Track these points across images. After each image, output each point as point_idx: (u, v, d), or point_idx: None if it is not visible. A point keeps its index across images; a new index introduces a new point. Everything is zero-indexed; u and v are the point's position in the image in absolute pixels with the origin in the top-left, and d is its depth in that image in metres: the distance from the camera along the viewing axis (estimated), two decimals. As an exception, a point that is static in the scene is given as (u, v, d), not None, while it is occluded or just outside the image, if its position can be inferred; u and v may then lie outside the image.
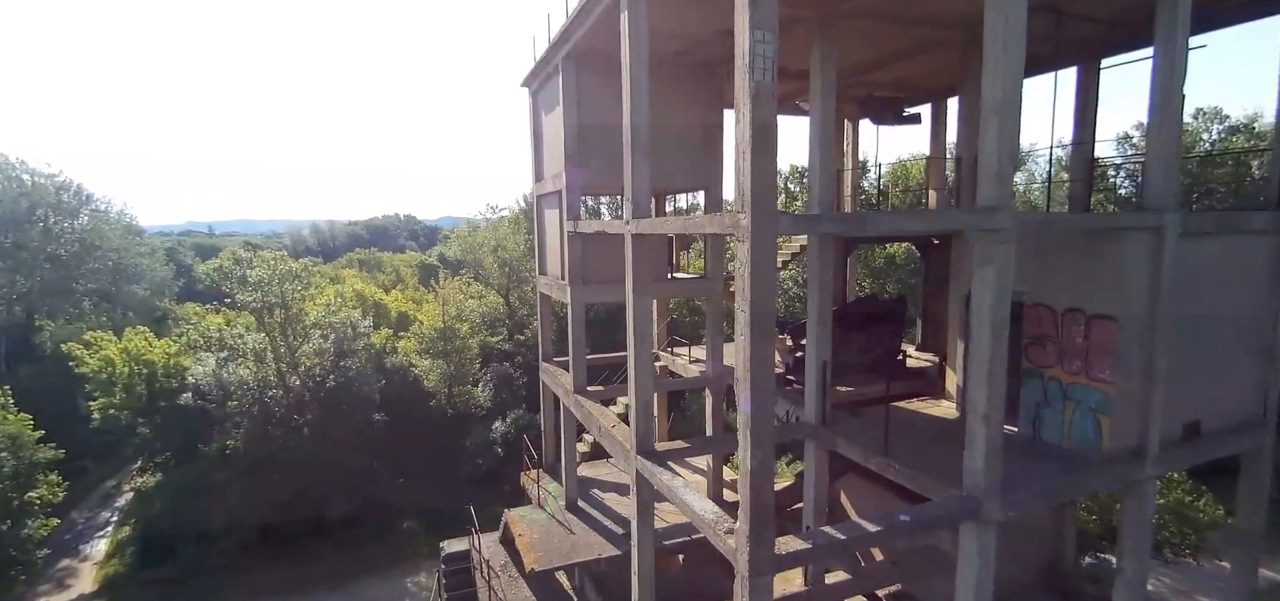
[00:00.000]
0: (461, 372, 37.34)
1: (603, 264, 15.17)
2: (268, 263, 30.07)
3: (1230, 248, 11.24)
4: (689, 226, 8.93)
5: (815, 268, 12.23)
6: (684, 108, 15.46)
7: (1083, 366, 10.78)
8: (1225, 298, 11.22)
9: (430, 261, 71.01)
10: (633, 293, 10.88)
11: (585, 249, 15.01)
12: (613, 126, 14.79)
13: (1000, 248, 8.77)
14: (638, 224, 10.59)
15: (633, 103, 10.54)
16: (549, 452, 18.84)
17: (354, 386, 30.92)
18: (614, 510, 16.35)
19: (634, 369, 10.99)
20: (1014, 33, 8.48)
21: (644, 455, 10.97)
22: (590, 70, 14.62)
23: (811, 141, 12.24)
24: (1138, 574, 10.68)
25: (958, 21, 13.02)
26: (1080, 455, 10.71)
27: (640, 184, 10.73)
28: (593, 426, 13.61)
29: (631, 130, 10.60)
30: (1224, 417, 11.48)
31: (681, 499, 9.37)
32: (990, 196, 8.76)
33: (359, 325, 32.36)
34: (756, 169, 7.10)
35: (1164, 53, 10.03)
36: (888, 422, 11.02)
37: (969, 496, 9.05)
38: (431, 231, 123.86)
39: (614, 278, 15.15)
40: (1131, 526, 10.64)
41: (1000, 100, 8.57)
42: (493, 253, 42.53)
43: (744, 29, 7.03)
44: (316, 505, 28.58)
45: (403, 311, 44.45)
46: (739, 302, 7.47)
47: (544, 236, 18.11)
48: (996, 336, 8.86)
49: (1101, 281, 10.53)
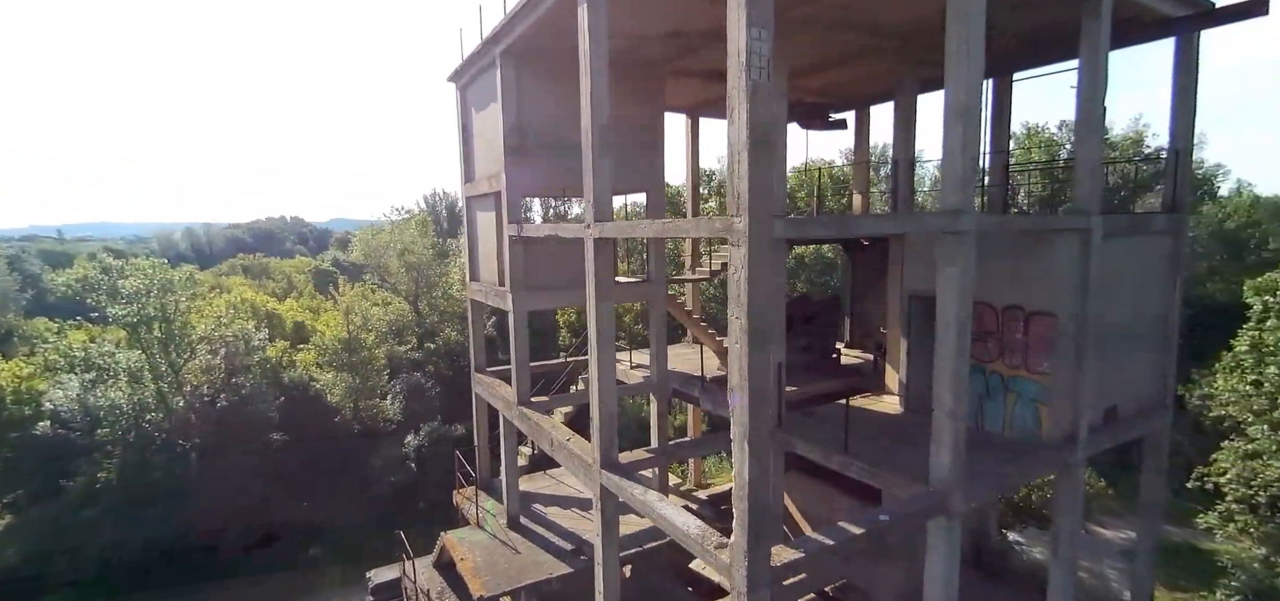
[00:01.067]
0: (368, 385, 35.01)
1: (545, 269, 14.53)
2: (143, 271, 26.70)
3: (1137, 247, 12.32)
4: (670, 230, 8.58)
5: (769, 270, 12.23)
6: (624, 109, 15.05)
7: (1022, 360, 11.43)
8: (1134, 293, 12.28)
9: (325, 267, 66.39)
10: (595, 299, 10.39)
11: (527, 254, 14.29)
12: (555, 126, 14.23)
13: (963, 249, 9.06)
14: (600, 227, 10.11)
15: (593, 102, 10.06)
16: (484, 468, 17.86)
17: (249, 405, 28.12)
18: (560, 525, 15.71)
19: (597, 378, 10.49)
20: (975, 42, 8.78)
21: (609, 468, 10.50)
22: (531, 67, 13.94)
23: (764, 144, 12.21)
24: (1071, 547, 11.45)
25: (894, 31, 13.49)
26: (1022, 443, 11.35)
27: (602, 186, 10.27)
28: (543, 440, 12.95)
29: (592, 130, 10.11)
30: (1135, 402, 12.57)
31: (659, 513, 9.00)
32: (954, 200, 9.03)
33: (253, 338, 29.49)
34: (754, 170, 6.86)
35: (1088, 67, 10.79)
36: (848, 421, 11.17)
37: (937, 491, 9.28)
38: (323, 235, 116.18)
39: (558, 283, 14.59)
40: (1065, 505, 11.38)
41: (964, 106, 8.85)
42: (399, 256, 40.22)
43: (740, 26, 6.77)
44: (209, 538, 25.71)
45: (299, 321, 41.12)
46: (734, 310, 7.21)
47: (476, 240, 17.14)
48: (961, 334, 9.15)
49: (1038, 280, 11.20)
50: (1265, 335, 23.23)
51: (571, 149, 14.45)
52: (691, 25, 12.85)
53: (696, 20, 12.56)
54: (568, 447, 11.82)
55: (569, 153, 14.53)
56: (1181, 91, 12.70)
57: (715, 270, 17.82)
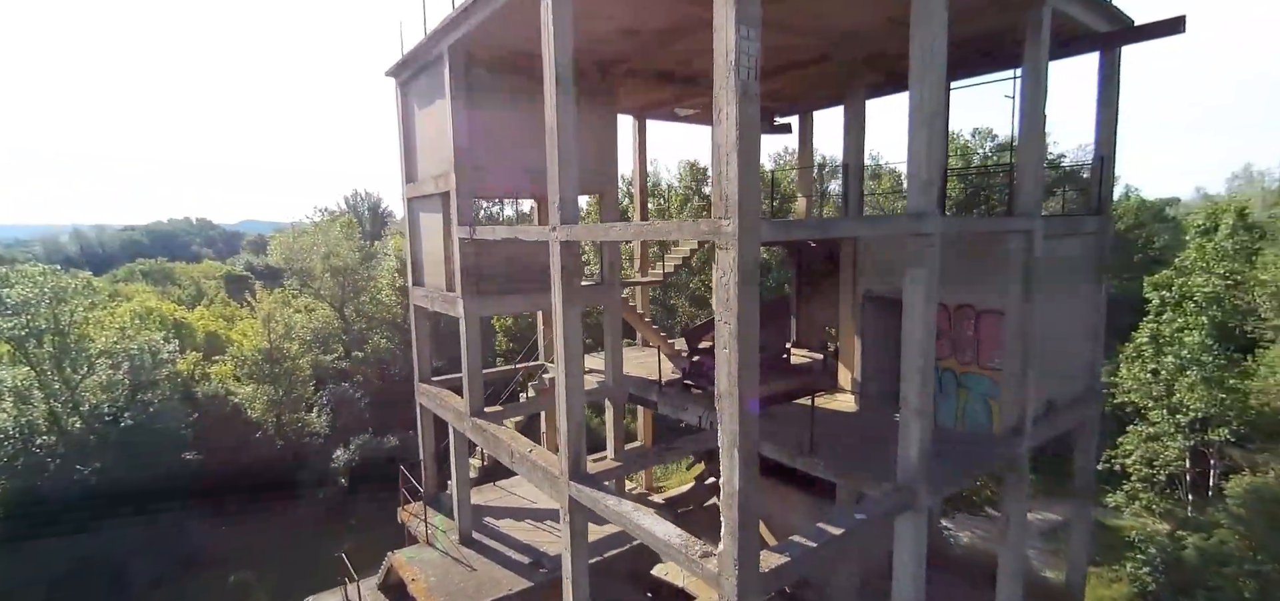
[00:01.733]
0: (292, 397, 33.00)
1: (498, 273, 13.98)
2: (32, 279, 24.01)
3: (1068, 247, 13.07)
4: (650, 232, 8.33)
5: (731, 272, 12.20)
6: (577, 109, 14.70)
7: (974, 357, 11.89)
8: (1067, 291, 13.03)
9: (238, 272, 62.16)
10: (562, 304, 10.01)
11: (479, 257, 13.70)
12: (508, 125, 13.72)
13: (930, 250, 9.28)
14: (568, 230, 9.75)
15: (557, 100, 9.68)
16: (431, 483, 17.04)
17: (157, 423, 25.86)
18: (516, 538, 15.17)
19: (564, 386, 10.12)
20: (938, 49, 9.00)
21: (578, 480, 10.15)
22: (482, 62, 13.37)
23: (725, 146, 12.17)
24: (1019, 532, 11.99)
25: (845, 37, 13.76)
26: (975, 437, 11.80)
27: (567, 187, 9.91)
28: (501, 452, 12.43)
29: (557, 130, 9.73)
30: (1068, 394, 13.34)
31: (638, 524, 8.75)
32: (919, 203, 9.24)
33: (161, 351, 27.13)
34: (743, 171, 6.73)
35: (1030, 77, 11.32)
36: (813, 421, 11.28)
37: (906, 487, 9.48)
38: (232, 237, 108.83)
39: (512, 288, 14.08)
40: (1013, 493, 11.91)
41: (929, 112, 9.06)
42: (323, 260, 38.12)
43: (729, 25, 6.62)
44: (112, 571, 23.44)
45: (212, 331, 38.24)
46: (722, 314, 7.05)
47: (420, 244, 16.33)
48: (927, 334, 9.37)
49: (988, 279, 11.67)
50: (1162, 327, 25.35)
51: (526, 149, 14.10)
52: (649, 24, 12.66)
53: (654, 19, 12.38)
54: (531, 460, 11.38)
55: (523, 153, 14.11)
56: (1105, 103, 13.57)
57: (669, 272, 17.71)
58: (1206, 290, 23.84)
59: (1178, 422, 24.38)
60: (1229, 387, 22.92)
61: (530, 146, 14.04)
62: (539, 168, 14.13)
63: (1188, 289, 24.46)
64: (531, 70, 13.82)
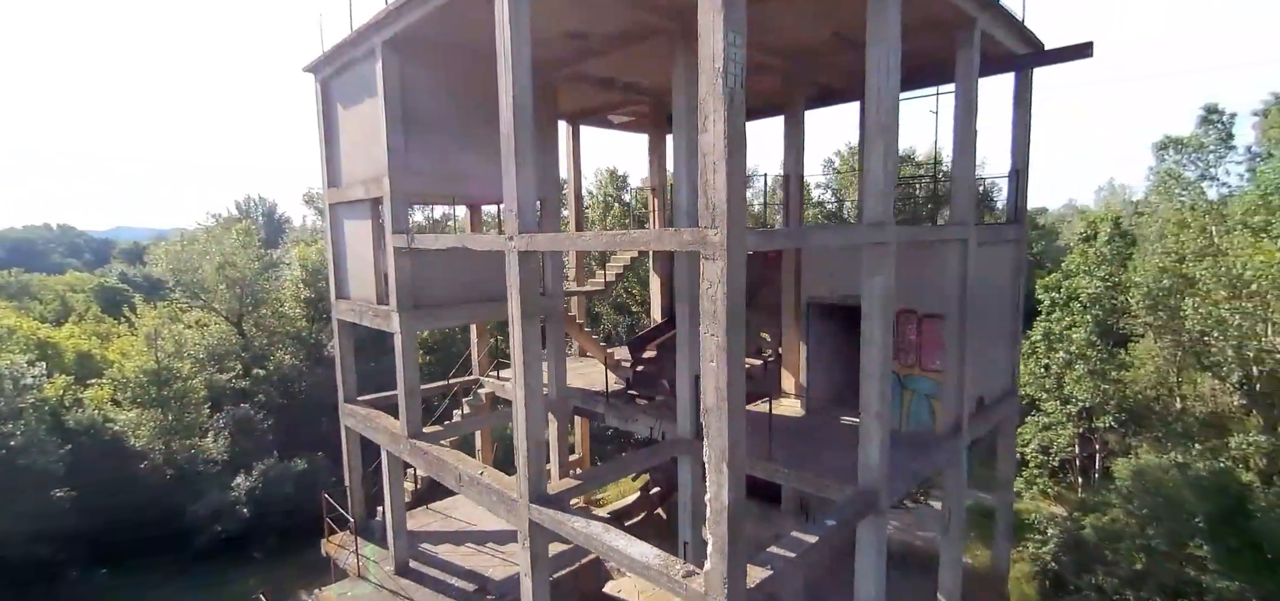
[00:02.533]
0: (184, 422, 29.95)
1: (436, 284, 13.20)
2: None
3: (992, 254, 13.90)
4: (624, 242, 8.00)
5: (684, 281, 12.12)
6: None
7: (917, 359, 12.36)
8: (991, 294, 13.85)
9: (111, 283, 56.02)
10: (521, 318, 9.51)
11: (415, 268, 12.87)
12: (447, 127, 13.03)
13: (887, 258, 9.53)
14: (528, 239, 9.28)
15: (515, 102, 9.21)
16: (359, 510, 15.82)
17: (21, 458, 22.67)
18: (457, 565, 14.33)
19: (522, 404, 9.61)
20: (892, 64, 9.28)
21: (539, 502, 9.66)
22: (418, 59, 12.59)
23: (677, 153, 12.09)
24: (959, 524, 12.58)
25: (787, 50, 14.04)
26: (919, 437, 12.27)
27: (525, 193, 9.45)
28: (447, 476, 11.67)
29: (514, 132, 9.26)
30: (994, 392, 14.18)
31: (610, 546, 8.39)
32: (877, 212, 9.46)
33: (25, 375, 23.85)
34: (731, 180, 6.58)
35: (962, 93, 11.93)
36: (771, 429, 11.34)
37: (867, 490, 9.67)
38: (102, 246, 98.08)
39: (449, 299, 13.35)
40: (952, 487, 12.49)
41: (884, 125, 9.31)
42: (217, 270, 34.94)
43: (716, 30, 6.45)
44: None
45: (85, 351, 34.14)
46: (709, 327, 6.87)
47: (344, 253, 15.18)
48: (886, 339, 9.62)
49: (929, 285, 12.18)
50: (1053, 325, 27.67)
51: (465, 153, 13.41)
52: (599, 28, 12.37)
53: (605, 23, 12.11)
54: (483, 483, 10.74)
55: (462, 157, 13.42)
56: (1020, 119, 14.54)
57: (610, 282, 17.42)
58: (1090, 291, 26.23)
59: (1068, 412, 26.69)
60: (1111, 379, 25.31)
61: (469, 150, 13.39)
62: (481, 173, 13.60)
63: (1074, 290, 26.84)
64: (473, 70, 13.20)
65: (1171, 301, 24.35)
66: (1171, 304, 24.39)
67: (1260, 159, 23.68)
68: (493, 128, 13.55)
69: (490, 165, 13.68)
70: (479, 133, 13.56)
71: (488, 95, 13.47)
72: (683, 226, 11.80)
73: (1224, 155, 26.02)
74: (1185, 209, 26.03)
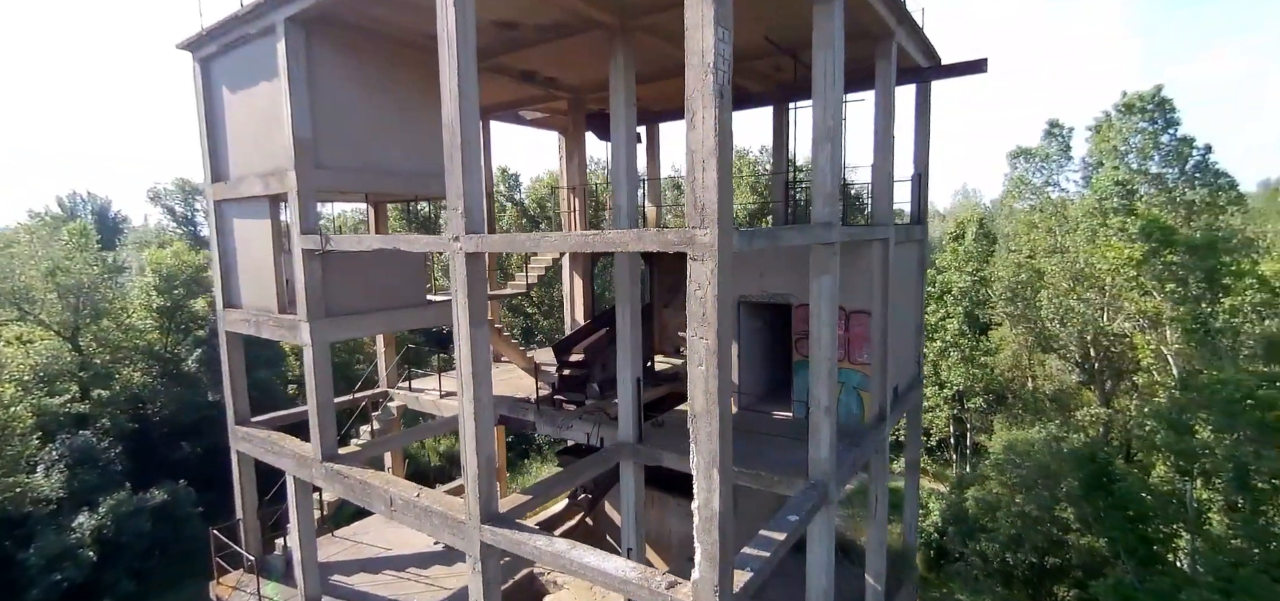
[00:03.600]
0: (5, 457, 25.34)
1: (349, 290, 12.04)
2: None
3: (902, 252, 14.87)
4: (597, 244, 7.55)
5: (624, 282, 11.89)
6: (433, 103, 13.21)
7: (846, 353, 12.91)
8: (902, 289, 14.81)
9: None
10: (468, 325, 8.83)
11: (326, 272, 11.65)
12: (362, 116, 11.93)
13: (833, 258, 9.83)
14: (477, 240, 8.63)
15: (460, 89, 8.55)
16: (254, 546, 14.07)
17: None
18: (374, 594, 13.14)
19: (473, 418, 8.94)
20: (837, 69, 9.58)
21: (492, 522, 9.03)
22: (327, 39, 11.40)
23: (615, 150, 11.83)
24: (883, 509, 13.30)
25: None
26: (850, 428, 12.81)
27: (473, 190, 8.79)
28: (375, 501, 10.63)
29: (460, 124, 8.58)
30: (906, 381, 15.17)
31: (580, 563, 7.98)
32: (825, 214, 9.74)
33: None
34: (721, 179, 6.44)
35: (882, 99, 12.62)
36: (718, 429, 11.34)
37: (818, 484, 9.93)
38: None
39: (363, 306, 12.25)
40: (877, 474, 13.18)
41: (831, 129, 9.60)
42: (47, 277, 29.95)
43: (706, 26, 6.28)
44: None
45: None
46: (699, 329, 6.69)
47: (233, 256, 13.45)
48: (832, 337, 9.91)
49: (856, 282, 12.76)
50: (929, 317, 30.26)
51: (381, 145, 12.34)
52: (533, 18, 11.83)
53: (540, 13, 11.59)
54: (422, 505, 9.88)
55: (378, 149, 12.33)
56: (920, 127, 15.67)
57: (531, 284, 16.77)
58: (960, 285, 28.91)
59: (944, 396, 29.29)
60: (980, 364, 28.07)
61: (384, 142, 12.34)
62: (399, 167, 12.58)
63: (947, 284, 29.47)
64: (386, 54, 12.18)
65: (1027, 293, 27.44)
66: (1027, 295, 27.48)
67: (1094, 168, 27.28)
68: (409, 118, 12.73)
69: (408, 159, 12.76)
70: (394, 124, 12.55)
71: (403, 82, 12.59)
72: (623, 227, 11.58)
73: (1064, 164, 29.75)
74: (1034, 212, 29.45)
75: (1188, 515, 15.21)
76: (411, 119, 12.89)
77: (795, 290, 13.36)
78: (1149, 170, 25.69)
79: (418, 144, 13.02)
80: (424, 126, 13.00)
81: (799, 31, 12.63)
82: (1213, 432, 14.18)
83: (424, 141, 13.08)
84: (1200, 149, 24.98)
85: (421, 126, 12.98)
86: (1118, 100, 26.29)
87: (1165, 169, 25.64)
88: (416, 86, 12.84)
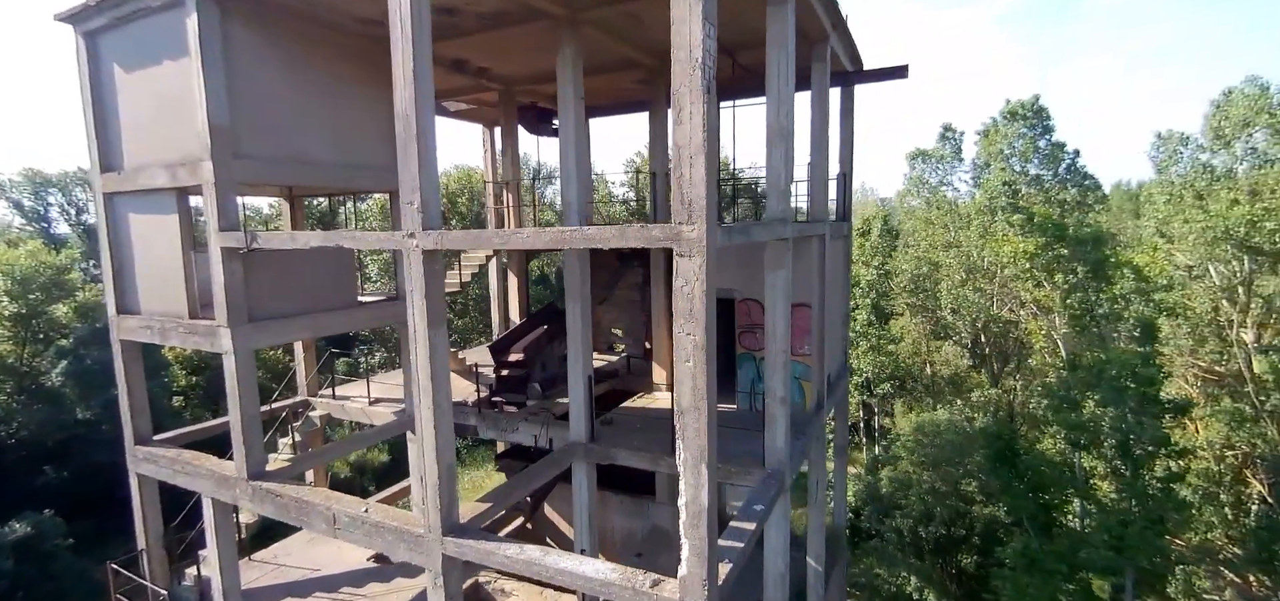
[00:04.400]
0: None
1: (270, 292, 11.08)
2: None
3: (833, 248, 15.55)
4: (580, 240, 7.29)
5: (575, 280, 11.69)
6: (363, 89, 12.46)
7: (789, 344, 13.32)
8: (833, 283, 15.49)
9: None
10: (426, 328, 8.35)
11: (249, 273, 10.67)
12: (280, 101, 11.03)
13: (787, 254, 10.12)
14: (437, 237, 8.17)
15: (417, 72, 8.05)
16: (161, 576, 12.65)
17: None
18: (307, 618, 12.21)
19: (432, 424, 8.47)
20: (789, 69, 9.86)
21: (455, 534, 8.60)
22: (242, 15, 10.42)
23: (564, 144, 11.59)
24: (821, 492, 13.89)
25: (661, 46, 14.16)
26: (795, 417, 13.24)
27: (429, 183, 8.31)
28: (313, 519, 9.85)
29: (414, 111, 8.09)
30: (836, 370, 15.89)
31: (558, 569, 7.76)
32: (778, 210, 10.01)
33: None
34: (710, 174, 6.45)
35: (818, 101, 13.13)
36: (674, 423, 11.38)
37: (775, 472, 10.21)
38: None
39: (290, 310, 11.36)
40: (816, 461, 13.75)
41: (784, 128, 9.87)
42: None
43: (694, 21, 6.25)
44: None
45: None
46: (686, 326, 6.67)
47: (131, 257, 12.02)
48: (786, 330, 10.22)
49: (797, 276, 13.18)
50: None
51: (307, 134, 11.46)
52: (476, 5, 11.34)
53: (483, 1, 11.14)
54: (371, 521, 9.26)
55: (304, 138, 11.43)
56: (845, 129, 16.44)
57: (466, 282, 16.11)
58: (868, 278, 30.66)
59: (855, 382, 30.97)
60: (886, 352, 29.90)
61: (310, 132, 11.47)
62: (329, 160, 11.76)
63: (856, 278, 31.17)
64: (311, 36, 11.33)
65: (927, 285, 29.54)
66: (927, 287, 29.58)
67: (982, 170, 29.78)
68: (336, 106, 11.90)
69: (335, 149, 11.93)
70: (320, 112, 11.69)
71: (329, 68, 11.76)
72: (574, 225, 11.37)
73: (955, 166, 32.25)
74: (930, 208, 31.73)
75: (1077, 482, 16.97)
76: (339, 107, 12.04)
77: (739, 285, 13.66)
78: (1028, 172, 28.35)
79: (346, 134, 12.19)
80: (353, 115, 12.19)
81: (737, 33, 12.91)
82: (1098, 407, 15.94)
83: (352, 131, 12.27)
84: (1070, 153, 27.88)
85: (350, 115, 12.17)
86: (1002, 108, 28.84)
87: (1042, 171, 28.39)
88: (344, 73, 12.02)
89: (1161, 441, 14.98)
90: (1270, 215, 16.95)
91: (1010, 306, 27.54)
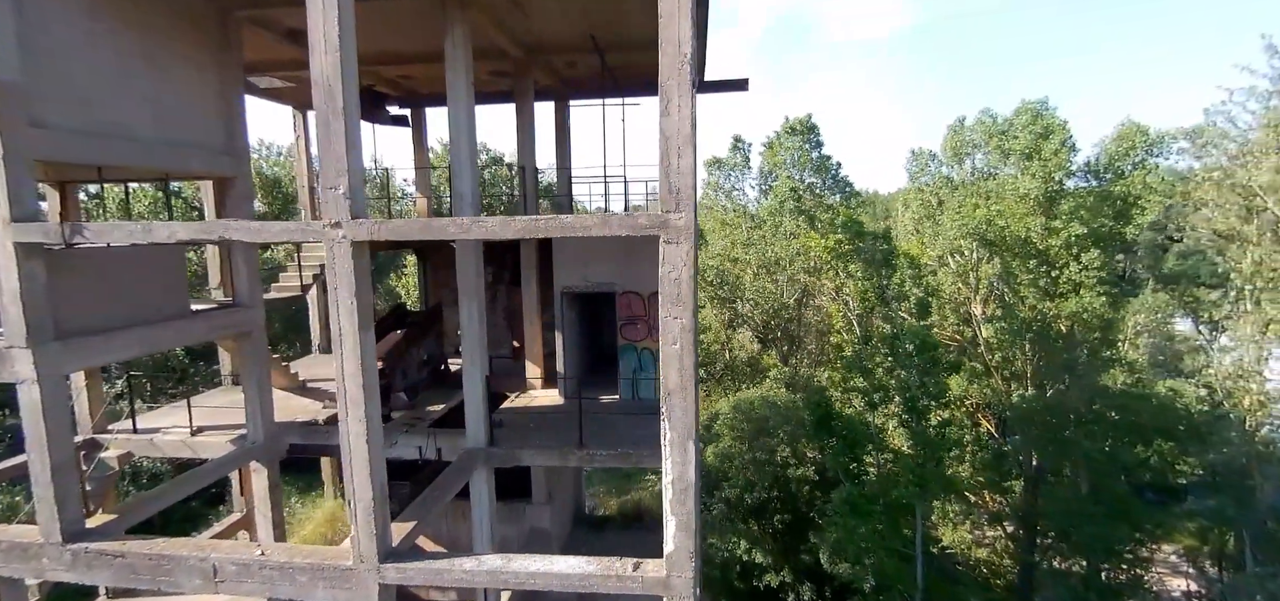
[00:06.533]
0: None
1: (85, 303, 8.82)
2: None
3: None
4: (555, 229, 6.91)
5: (469, 276, 11.14)
6: (190, 59, 10.43)
7: (649, 333, 14.04)
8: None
9: None
10: (355, 330, 7.41)
11: (54, 277, 8.35)
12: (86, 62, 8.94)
13: (693, 245, 10.79)
14: (369, 226, 7.30)
15: (341, 38, 7.14)
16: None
17: None
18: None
19: (363, 440, 7.53)
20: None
21: (392, 560, 7.76)
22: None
23: (455, 134, 10.95)
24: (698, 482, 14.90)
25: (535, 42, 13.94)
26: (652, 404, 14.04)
27: (356, 167, 7.40)
28: (184, 574, 8.06)
29: (342, 83, 7.18)
30: (694, 356, 17.11)
31: (531, 572, 7.47)
32: (685, 203, 10.65)
33: None
34: (693, 165, 6.81)
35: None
36: (582, 418, 11.44)
37: (688, 453, 10.85)
38: None
39: (110, 323, 9.22)
40: (690, 444, 14.73)
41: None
42: None
43: (683, 14, 6.57)
44: None
45: None
46: (674, 311, 6.94)
47: None
48: (694, 317, 10.91)
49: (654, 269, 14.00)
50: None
51: (126, 103, 9.31)
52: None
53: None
54: (275, 563, 7.89)
55: (122, 108, 9.24)
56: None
57: (307, 284, 14.12)
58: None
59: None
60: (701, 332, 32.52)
61: (128, 100, 9.36)
62: (150, 137, 9.66)
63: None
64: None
65: (729, 280, 32.77)
66: (730, 282, 32.83)
67: (768, 177, 33.92)
68: (160, 73, 9.88)
69: (158, 125, 9.86)
70: (139, 78, 9.58)
71: (150, 24, 9.73)
72: (467, 215, 10.79)
73: (746, 173, 36.24)
74: (729, 213, 35.25)
75: (873, 437, 20.44)
76: (163, 75, 9.95)
77: (618, 279, 14.05)
78: (804, 180, 33.04)
79: (172, 108, 10.10)
80: (177, 87, 10.15)
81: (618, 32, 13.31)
82: (887, 375, 19.44)
83: (179, 106, 10.21)
84: (835, 164, 33.10)
85: (175, 86, 10.11)
86: (781, 125, 33.18)
87: (814, 178, 33.27)
88: (170, 31, 9.98)
89: (939, 394, 18.85)
90: (1001, 217, 22.36)
91: (797, 295, 31.84)
